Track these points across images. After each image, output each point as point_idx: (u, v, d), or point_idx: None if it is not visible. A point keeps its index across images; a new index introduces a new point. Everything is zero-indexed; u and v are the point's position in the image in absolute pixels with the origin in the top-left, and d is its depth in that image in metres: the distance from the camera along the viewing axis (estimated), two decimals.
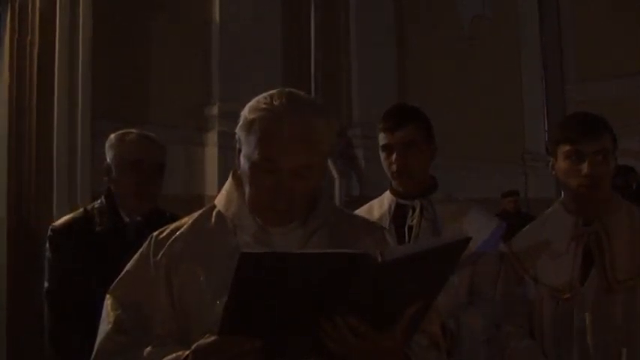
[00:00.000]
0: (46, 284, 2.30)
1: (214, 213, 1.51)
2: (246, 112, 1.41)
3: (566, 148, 1.92)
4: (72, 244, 2.28)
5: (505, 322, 2.03)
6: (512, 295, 2.04)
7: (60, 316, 2.25)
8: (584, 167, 1.88)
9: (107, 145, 2.38)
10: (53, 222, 2.46)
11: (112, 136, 2.39)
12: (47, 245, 2.32)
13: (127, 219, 2.34)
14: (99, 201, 2.39)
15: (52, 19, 4.28)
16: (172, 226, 1.53)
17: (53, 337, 2.27)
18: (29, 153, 4.21)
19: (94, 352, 1.44)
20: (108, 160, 2.37)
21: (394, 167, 2.20)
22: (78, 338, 2.14)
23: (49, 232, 2.34)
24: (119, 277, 1.51)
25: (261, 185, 1.37)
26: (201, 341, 1.26)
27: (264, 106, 1.38)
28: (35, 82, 4.24)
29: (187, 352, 1.29)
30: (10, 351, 4.09)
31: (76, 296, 2.18)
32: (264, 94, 1.42)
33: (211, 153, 4.98)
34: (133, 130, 2.40)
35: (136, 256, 1.52)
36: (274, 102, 1.38)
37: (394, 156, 2.19)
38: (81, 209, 2.44)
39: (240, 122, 1.42)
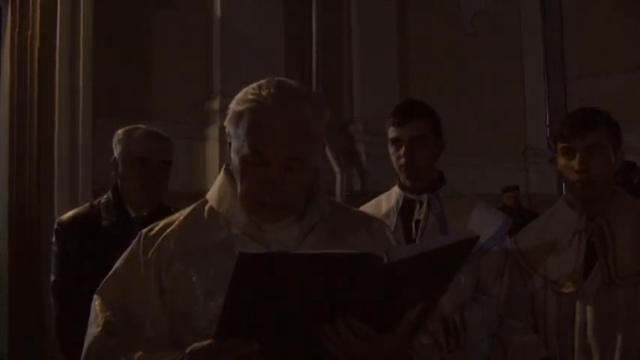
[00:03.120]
0: (52, 277, 2.31)
1: (206, 208, 1.46)
2: (234, 105, 1.37)
3: (561, 144, 1.95)
4: (78, 238, 2.28)
5: (509, 317, 2.04)
6: (516, 291, 2.04)
7: (66, 308, 2.25)
8: (575, 163, 1.90)
9: (115, 140, 2.38)
10: (54, 217, 2.48)
11: (120, 131, 2.39)
12: (54, 239, 2.32)
13: (133, 214, 2.34)
14: (105, 196, 2.40)
15: (53, 14, 4.27)
16: (162, 222, 1.47)
17: (60, 329, 2.28)
18: (31, 148, 4.21)
19: (82, 355, 1.40)
20: (115, 155, 2.37)
21: (402, 161, 2.21)
22: (84, 330, 2.16)
23: (56, 226, 2.34)
24: (108, 276, 1.46)
25: (252, 180, 1.33)
26: (197, 345, 1.21)
27: (251, 97, 1.33)
28: (36, 77, 4.24)
29: (181, 357, 1.24)
30: (11, 342, 4.10)
31: (82, 289, 2.19)
32: (252, 85, 1.37)
33: (213, 148, 4.98)
34: (141, 126, 2.40)
35: (125, 254, 1.46)
36: (262, 92, 1.33)
37: (402, 150, 2.20)
38: (87, 204, 2.44)
39: (229, 116, 1.37)
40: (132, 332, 1.38)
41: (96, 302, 1.43)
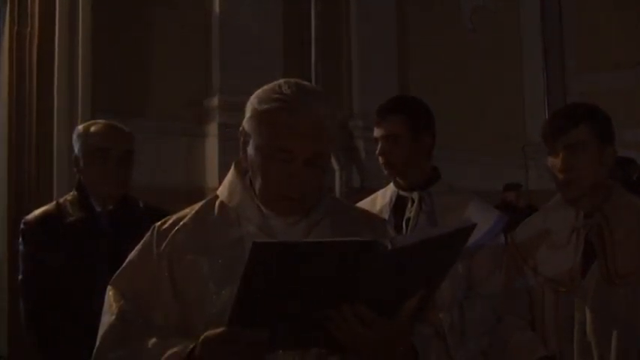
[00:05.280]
0: (20, 276, 2.33)
1: (217, 203, 1.51)
2: (255, 104, 1.42)
3: (547, 143, 1.93)
4: (45, 236, 2.30)
5: (507, 314, 2.04)
6: (514, 287, 2.04)
7: (36, 304, 2.27)
8: (558, 162, 1.88)
9: (74, 136, 2.41)
10: None
11: (79, 127, 2.43)
12: (20, 239, 2.34)
13: (98, 208, 2.35)
14: (71, 193, 2.42)
15: (51, 11, 4.27)
16: (175, 216, 1.53)
17: (31, 326, 2.29)
18: (29, 146, 4.21)
19: (97, 344, 1.44)
20: (75, 151, 2.38)
21: (380, 159, 2.22)
22: (55, 325, 2.20)
23: (22, 226, 2.36)
24: (121, 267, 1.51)
25: (276, 176, 1.39)
26: (210, 332, 1.26)
27: (275, 96, 1.39)
28: (35, 75, 4.24)
29: (195, 344, 1.29)
30: (11, 342, 4.10)
31: (51, 285, 2.21)
32: (271, 85, 1.43)
33: (211, 144, 4.98)
34: (100, 120, 2.44)
35: (138, 247, 1.52)
36: (285, 92, 1.39)
37: (378, 149, 2.22)
38: (53, 202, 2.46)
39: (249, 114, 1.42)
40: (145, 321, 1.43)
41: (109, 292, 1.48)
